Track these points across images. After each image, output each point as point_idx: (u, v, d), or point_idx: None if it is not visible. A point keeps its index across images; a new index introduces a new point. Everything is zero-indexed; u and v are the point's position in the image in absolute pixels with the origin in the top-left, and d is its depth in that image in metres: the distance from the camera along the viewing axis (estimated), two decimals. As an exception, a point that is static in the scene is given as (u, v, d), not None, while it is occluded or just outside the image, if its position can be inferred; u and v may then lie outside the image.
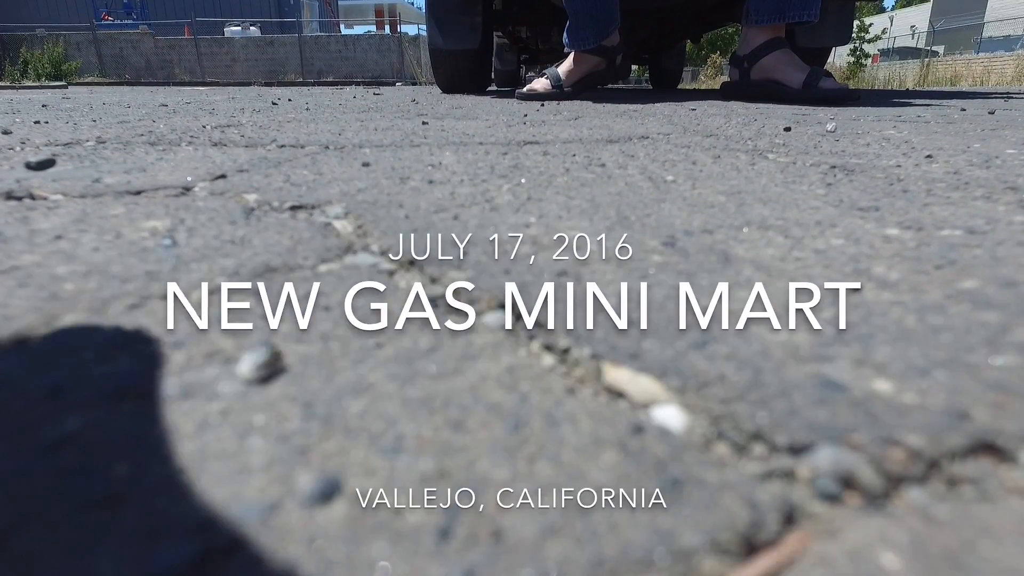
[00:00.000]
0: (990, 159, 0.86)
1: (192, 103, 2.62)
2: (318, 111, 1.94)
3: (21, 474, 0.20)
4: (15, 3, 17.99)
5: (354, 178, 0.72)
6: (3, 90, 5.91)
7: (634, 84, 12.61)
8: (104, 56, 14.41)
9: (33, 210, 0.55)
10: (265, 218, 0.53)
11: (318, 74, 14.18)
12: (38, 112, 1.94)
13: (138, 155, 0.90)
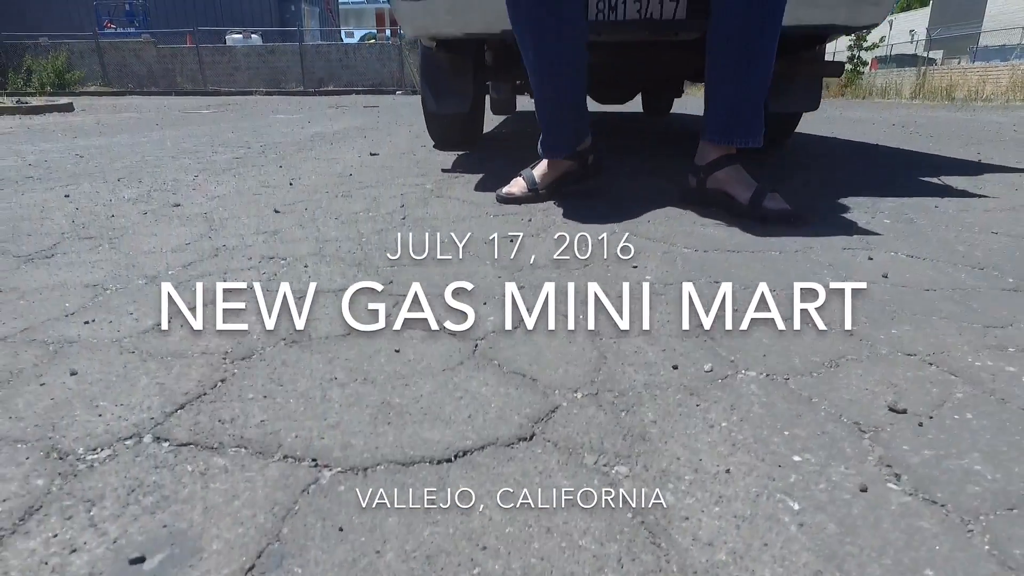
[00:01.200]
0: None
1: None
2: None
3: None
4: (19, 9, 18.10)
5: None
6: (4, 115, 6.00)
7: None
8: (107, 65, 14.51)
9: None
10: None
11: (319, 82, 14.27)
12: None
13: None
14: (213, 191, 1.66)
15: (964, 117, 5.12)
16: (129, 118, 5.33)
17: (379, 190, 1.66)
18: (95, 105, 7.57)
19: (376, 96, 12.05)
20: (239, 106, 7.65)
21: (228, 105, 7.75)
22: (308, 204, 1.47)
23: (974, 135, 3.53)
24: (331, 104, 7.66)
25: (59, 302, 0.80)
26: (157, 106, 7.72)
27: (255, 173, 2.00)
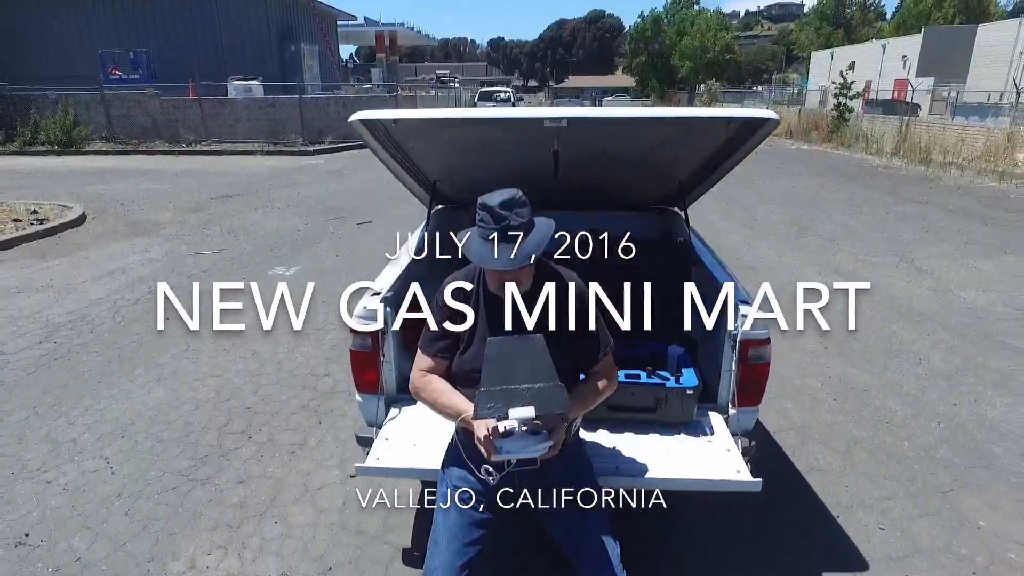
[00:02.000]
0: None
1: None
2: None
3: None
4: (25, 53, 18.58)
5: None
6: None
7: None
8: (112, 116, 14.94)
9: None
10: None
11: (319, 134, 14.69)
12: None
13: None
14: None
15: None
16: (143, 256, 5.68)
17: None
18: (105, 204, 7.93)
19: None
20: (239, 201, 8.01)
21: (227, 198, 8.12)
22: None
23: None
24: (333, 211, 8.01)
25: None
26: (167, 196, 8.08)
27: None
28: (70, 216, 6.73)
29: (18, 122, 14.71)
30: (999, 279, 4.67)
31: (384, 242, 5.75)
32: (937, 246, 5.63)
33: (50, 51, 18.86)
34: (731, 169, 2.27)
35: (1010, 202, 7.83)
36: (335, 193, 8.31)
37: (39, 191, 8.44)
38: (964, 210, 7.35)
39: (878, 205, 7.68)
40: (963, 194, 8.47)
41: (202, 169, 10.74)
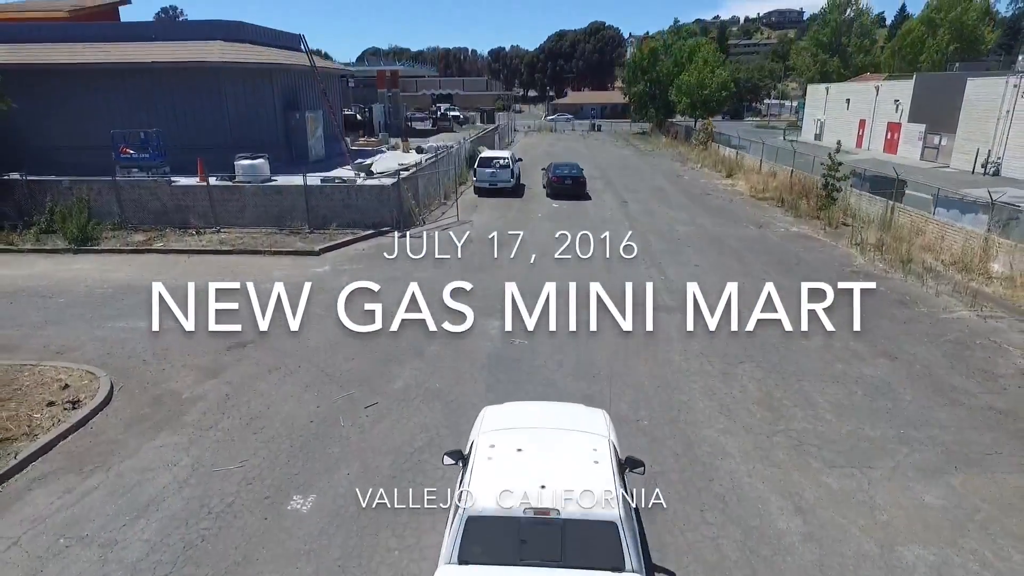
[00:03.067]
0: None
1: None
2: None
3: None
4: (38, 123, 19.12)
5: None
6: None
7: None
8: (124, 201, 15.48)
9: None
10: None
11: (323, 220, 15.22)
12: None
13: None
14: None
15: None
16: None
17: None
18: (128, 358, 8.47)
19: (377, 239, 12.72)
20: (253, 355, 8.53)
21: (242, 347, 8.65)
22: None
23: None
24: (341, 379, 8.54)
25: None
26: (184, 342, 8.58)
27: None
28: (99, 393, 7.29)
29: (34, 209, 15.30)
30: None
31: (395, 444, 6.29)
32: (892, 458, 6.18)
33: (63, 123, 19.42)
34: None
35: (974, 357, 8.36)
36: (342, 340, 8.85)
37: (63, 334, 8.99)
38: (929, 371, 7.89)
39: (850, 360, 8.22)
40: (934, 338, 8.99)
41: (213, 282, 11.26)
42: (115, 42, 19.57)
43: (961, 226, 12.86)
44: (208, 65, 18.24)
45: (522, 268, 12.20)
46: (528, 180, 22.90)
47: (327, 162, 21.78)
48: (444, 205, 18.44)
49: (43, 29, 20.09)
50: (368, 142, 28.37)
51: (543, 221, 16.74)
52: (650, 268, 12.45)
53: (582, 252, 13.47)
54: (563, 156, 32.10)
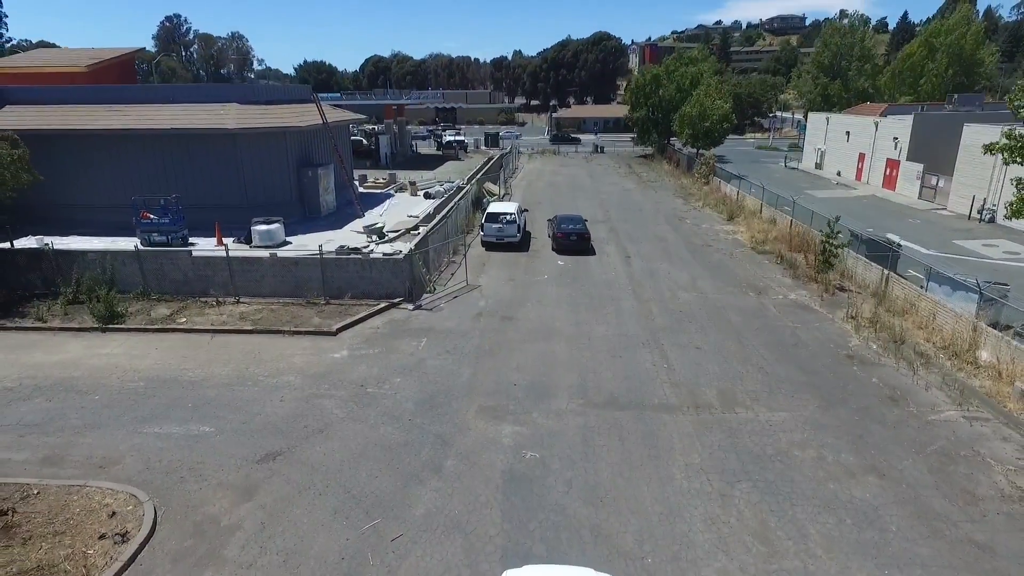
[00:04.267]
0: None
1: None
2: None
3: None
4: (62, 182, 19.74)
5: None
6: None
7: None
8: (146, 271, 16.10)
9: None
10: None
11: (338, 290, 15.83)
12: None
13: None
14: None
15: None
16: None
17: None
18: (166, 475, 9.05)
19: (391, 314, 13.20)
20: (283, 470, 9.10)
21: (272, 459, 9.23)
22: None
23: None
24: (367, 502, 9.09)
25: None
26: (218, 458, 9.15)
27: None
28: (144, 522, 7.90)
29: (60, 280, 15.94)
30: None
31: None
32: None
33: (82, 183, 20.09)
34: None
35: (958, 474, 8.92)
36: (365, 451, 9.45)
37: (103, 442, 9.60)
38: (915, 493, 8.45)
39: (841, 478, 8.78)
40: (921, 447, 9.55)
41: (240, 375, 11.90)
42: (133, 104, 20.19)
43: (951, 307, 13.38)
44: (224, 132, 18.84)
45: (530, 357, 12.72)
46: (534, 224, 23.45)
47: (338, 214, 22.44)
48: (453, 263, 19.01)
49: (64, 92, 20.73)
50: (376, 182, 28.94)
51: (549, 285, 17.29)
52: (653, 351, 12.99)
53: (588, 329, 14.13)
54: (566, 191, 32.68)
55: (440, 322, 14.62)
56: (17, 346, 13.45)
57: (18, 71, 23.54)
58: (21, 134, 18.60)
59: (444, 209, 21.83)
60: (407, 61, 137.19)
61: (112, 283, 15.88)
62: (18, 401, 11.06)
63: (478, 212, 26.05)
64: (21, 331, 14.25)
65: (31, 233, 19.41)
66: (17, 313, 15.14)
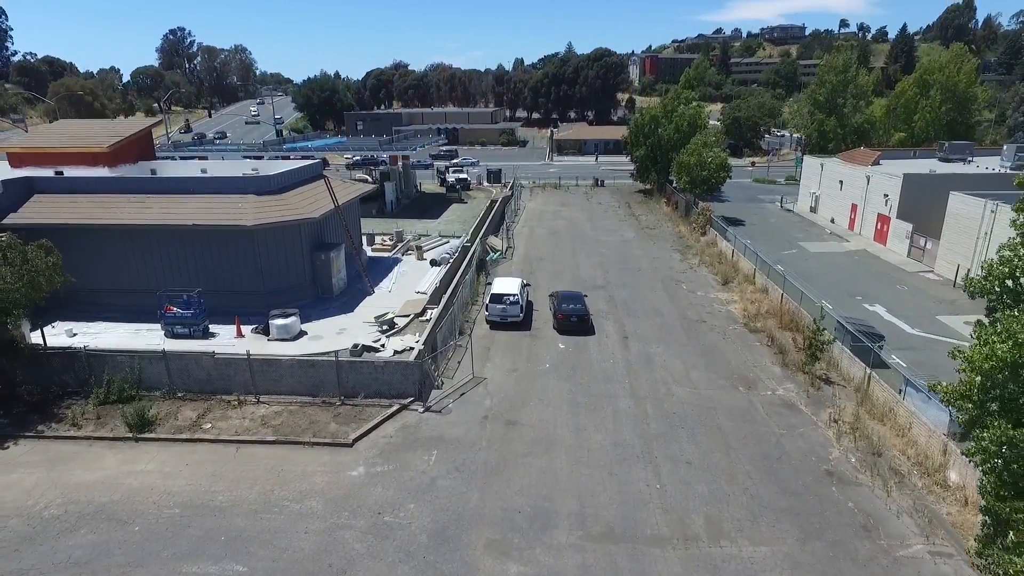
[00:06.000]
0: None
1: None
2: None
3: None
4: (83, 267, 20.75)
5: None
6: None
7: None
8: (172, 370, 17.15)
9: None
10: None
11: (352, 389, 16.86)
12: None
13: None
14: None
15: None
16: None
17: None
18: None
19: (403, 418, 14.18)
20: None
21: None
22: None
23: None
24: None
25: None
26: None
27: None
28: None
29: (92, 380, 17.02)
30: None
31: None
32: None
33: (105, 270, 21.13)
34: None
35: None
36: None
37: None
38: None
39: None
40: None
41: (266, 499, 12.90)
42: (155, 194, 21.25)
43: (925, 421, 14.35)
44: (243, 229, 19.90)
45: (533, 477, 13.65)
46: (538, 289, 24.45)
47: (349, 291, 23.48)
48: (459, 347, 20.02)
49: (88, 182, 21.81)
50: (383, 244, 29.97)
51: (550, 377, 18.30)
52: (647, 467, 13.98)
53: (587, 438, 15.12)
54: (567, 243, 33.65)
55: (448, 428, 15.64)
56: (57, 460, 14.51)
57: (43, 151, 24.59)
58: (50, 228, 19.72)
59: (450, 285, 22.86)
60: (409, 75, 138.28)
61: (139, 382, 17.00)
62: (66, 533, 12.09)
63: (482, 274, 27.14)
64: (59, 440, 15.30)
65: (59, 319, 20.52)
66: (53, 416, 16.20)
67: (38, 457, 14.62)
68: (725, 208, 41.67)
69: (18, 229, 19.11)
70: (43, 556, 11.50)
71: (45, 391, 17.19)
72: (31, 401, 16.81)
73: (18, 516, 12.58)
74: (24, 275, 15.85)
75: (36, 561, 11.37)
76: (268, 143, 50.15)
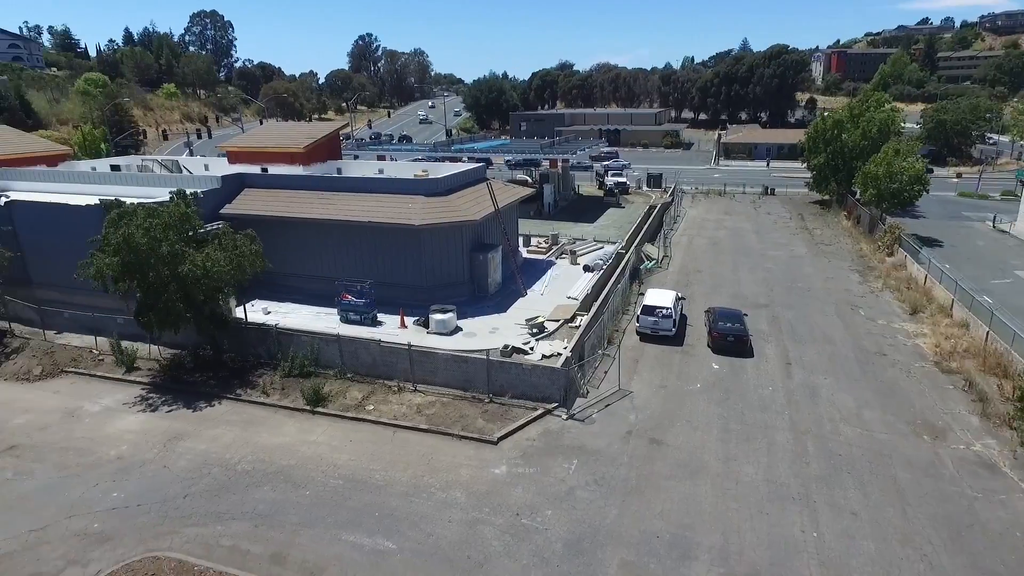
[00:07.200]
0: None
1: None
2: None
3: None
4: (279, 254, 23.47)
5: None
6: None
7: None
8: (344, 352, 18.96)
9: None
10: None
11: (501, 388, 17.41)
12: None
13: None
14: None
15: None
16: None
17: None
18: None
19: (546, 422, 14.40)
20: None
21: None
22: None
23: None
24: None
25: None
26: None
27: None
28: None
29: (279, 354, 19.32)
30: None
31: None
32: None
33: (294, 256, 23.82)
34: None
35: None
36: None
37: (313, 546, 11.84)
38: None
39: None
40: None
41: (416, 484, 13.80)
42: (338, 192, 23.62)
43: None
44: (410, 228, 21.40)
45: (675, 501, 13.14)
46: (693, 302, 23.46)
47: (503, 291, 24.27)
48: (607, 356, 19.83)
49: (287, 178, 24.83)
50: (539, 247, 30.53)
51: (700, 399, 17.48)
52: (803, 511, 12.84)
53: (737, 469, 14.23)
54: (728, 255, 31.85)
55: (591, 439, 15.59)
56: (250, 422, 16.70)
57: (250, 150, 28.52)
58: (254, 218, 22.68)
59: (602, 293, 22.73)
60: (573, 75, 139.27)
61: (317, 361, 18.99)
62: (253, 487, 13.91)
63: (635, 283, 26.64)
64: (252, 404, 17.61)
65: (257, 298, 23.53)
66: (248, 383, 18.66)
67: (236, 417, 16.95)
68: (919, 225, 36.82)
69: (230, 218, 22.24)
70: (234, 504, 13.33)
71: (243, 360, 19.87)
72: (232, 367, 19.51)
73: (219, 466, 14.70)
74: (233, 259, 18.38)
75: (229, 508, 13.21)
76: (438, 144, 53.36)
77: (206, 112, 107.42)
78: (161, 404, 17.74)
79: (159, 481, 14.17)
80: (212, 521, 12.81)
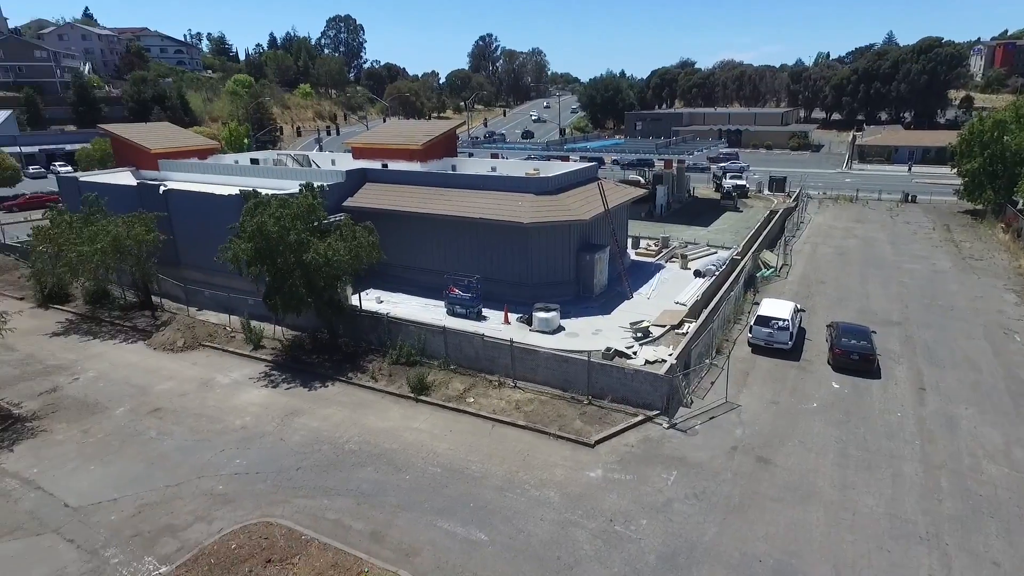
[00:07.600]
0: None
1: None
2: None
3: None
4: (394, 245, 24.51)
5: None
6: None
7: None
8: (448, 344, 19.48)
9: None
10: None
11: (601, 390, 17.14)
12: None
13: None
14: None
15: None
16: None
17: None
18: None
19: (645, 430, 14.11)
20: None
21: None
22: None
23: None
24: None
25: None
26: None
27: None
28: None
29: (388, 342, 20.22)
30: None
31: None
32: None
33: (408, 249, 24.79)
34: None
35: None
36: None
37: (409, 529, 12.28)
38: None
39: None
40: None
41: (511, 479, 13.90)
42: (451, 188, 24.31)
43: None
44: (519, 225, 21.59)
45: (781, 525, 12.30)
46: (812, 315, 21.86)
47: (608, 293, 23.91)
48: (714, 366, 18.95)
49: (404, 174, 25.95)
50: (648, 250, 29.73)
51: (816, 419, 16.23)
52: (932, 554, 11.54)
53: (854, 498, 13.07)
54: (857, 266, 29.34)
55: (692, 451, 14.96)
56: (359, 404, 17.62)
57: (372, 146, 30.07)
58: (373, 211, 23.89)
59: (712, 299, 21.75)
60: (694, 73, 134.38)
61: (423, 351, 19.67)
62: (358, 467, 14.66)
63: (749, 292, 25.26)
64: (361, 388, 18.57)
65: (371, 287, 24.77)
66: (359, 367, 19.68)
67: (346, 399, 17.96)
68: (1096, 242, 31.98)
69: (351, 211, 23.58)
70: (340, 481, 14.11)
71: (356, 345, 21.01)
72: (346, 352, 20.69)
73: (329, 444, 15.64)
74: (352, 250, 19.46)
75: (335, 484, 14.01)
76: (551, 143, 53.51)
77: (336, 110, 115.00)
78: (281, 381, 19.16)
79: (276, 452, 15.31)
80: (320, 495, 13.64)
